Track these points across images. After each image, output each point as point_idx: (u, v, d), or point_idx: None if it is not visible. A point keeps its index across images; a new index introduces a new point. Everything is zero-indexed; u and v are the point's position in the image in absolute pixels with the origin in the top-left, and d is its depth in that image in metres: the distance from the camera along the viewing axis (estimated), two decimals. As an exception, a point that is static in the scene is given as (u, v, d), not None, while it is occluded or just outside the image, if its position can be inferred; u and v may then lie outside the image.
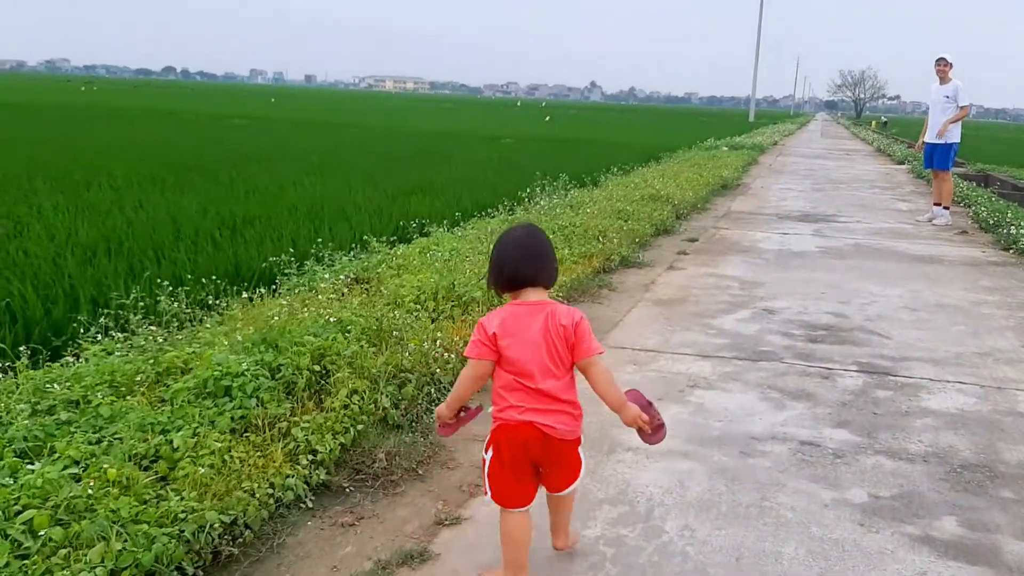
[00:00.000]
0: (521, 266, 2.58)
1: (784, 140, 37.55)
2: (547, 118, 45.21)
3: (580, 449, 2.65)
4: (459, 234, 7.58)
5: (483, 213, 9.45)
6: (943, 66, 11.40)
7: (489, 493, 2.60)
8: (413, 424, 3.81)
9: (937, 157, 11.66)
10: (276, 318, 4.31)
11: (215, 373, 3.51)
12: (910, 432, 4.00)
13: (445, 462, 3.54)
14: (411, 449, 3.57)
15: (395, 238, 7.49)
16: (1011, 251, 9.20)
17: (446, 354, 4.21)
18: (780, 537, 2.99)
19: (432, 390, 4.03)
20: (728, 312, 6.20)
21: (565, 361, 2.54)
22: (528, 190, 10.86)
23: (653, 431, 2.63)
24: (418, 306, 4.93)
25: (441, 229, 7.89)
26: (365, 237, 7.01)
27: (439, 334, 4.41)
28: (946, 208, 11.63)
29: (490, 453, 2.58)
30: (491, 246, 2.69)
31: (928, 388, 4.64)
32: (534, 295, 2.58)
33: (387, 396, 3.74)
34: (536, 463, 2.58)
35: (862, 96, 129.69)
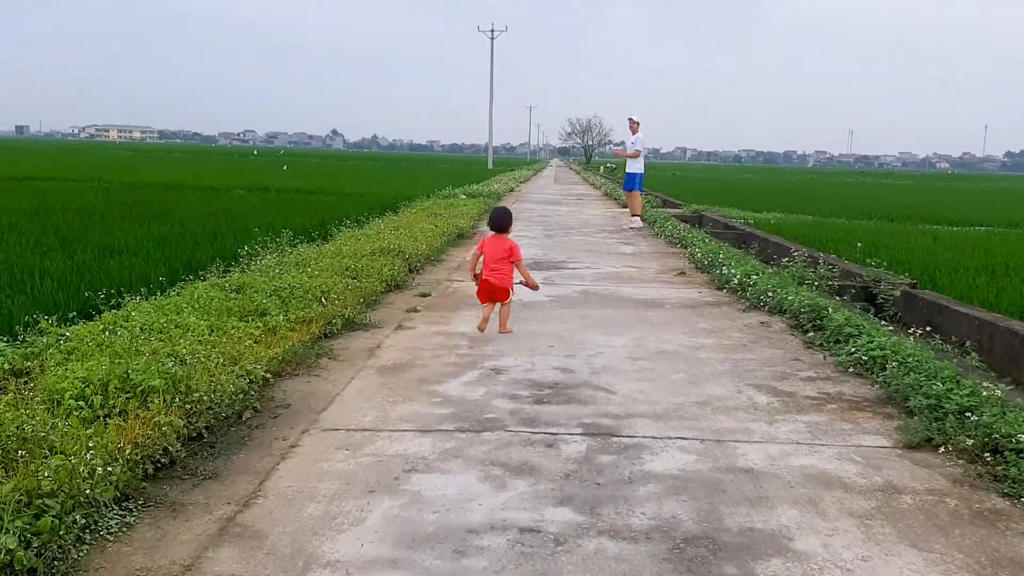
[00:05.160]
0: (494, 224, 7.38)
1: (520, 186, 38.76)
2: (284, 167, 43.80)
3: (511, 292, 7.21)
4: (160, 303, 6.71)
5: (195, 275, 8.56)
6: (631, 123, 18.15)
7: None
8: (53, 564, 3.03)
9: (628, 182, 18.75)
10: None
11: None
12: (633, 503, 3.79)
13: (90, 613, 2.82)
14: (46, 599, 2.82)
15: (74, 313, 6.46)
16: (724, 290, 9.70)
17: (105, 467, 3.44)
18: (493, 663, 2.59)
19: (79, 516, 3.24)
20: (455, 376, 5.86)
21: (506, 260, 7.14)
22: (247, 248, 10.06)
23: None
24: (82, 403, 4.12)
25: (138, 298, 6.96)
26: (34, 316, 5.95)
27: (99, 439, 3.65)
28: (638, 216, 18.13)
29: (477, 287, 7.27)
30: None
31: (651, 448, 4.51)
32: (500, 233, 7.30)
33: (14, 533, 2.96)
34: (491, 293, 7.10)
35: (590, 142, 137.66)
